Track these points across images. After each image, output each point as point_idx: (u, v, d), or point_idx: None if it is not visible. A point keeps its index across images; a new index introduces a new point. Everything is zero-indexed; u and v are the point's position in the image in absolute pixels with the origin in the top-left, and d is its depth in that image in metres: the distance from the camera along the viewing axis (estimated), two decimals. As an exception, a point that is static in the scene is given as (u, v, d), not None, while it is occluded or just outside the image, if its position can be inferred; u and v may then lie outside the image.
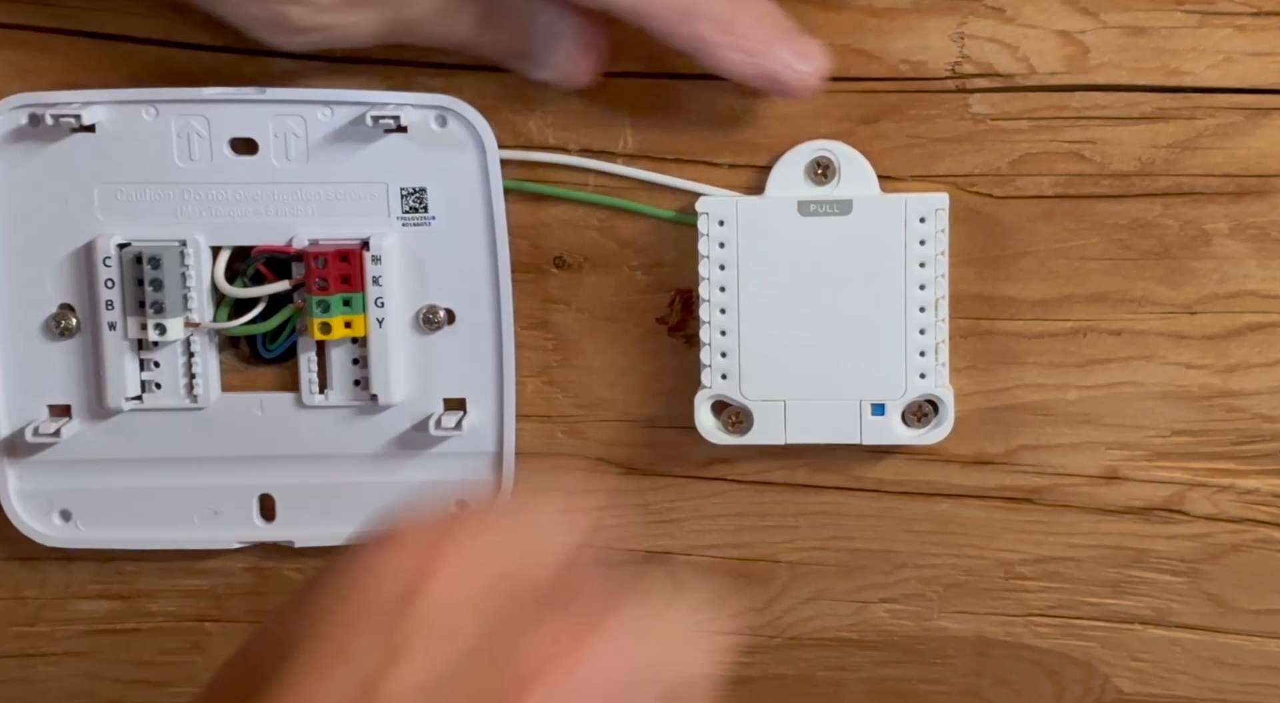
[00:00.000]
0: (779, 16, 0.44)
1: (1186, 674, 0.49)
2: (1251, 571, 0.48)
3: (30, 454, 0.49)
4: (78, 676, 0.52)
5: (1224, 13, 0.44)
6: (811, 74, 0.44)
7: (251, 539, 0.50)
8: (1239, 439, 0.47)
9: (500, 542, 0.34)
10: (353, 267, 0.47)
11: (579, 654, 0.31)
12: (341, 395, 0.48)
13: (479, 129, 0.46)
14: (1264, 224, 0.46)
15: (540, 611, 0.32)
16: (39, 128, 0.46)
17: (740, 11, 0.43)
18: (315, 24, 0.43)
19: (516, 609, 0.32)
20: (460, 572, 0.32)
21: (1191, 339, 0.47)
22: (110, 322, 0.47)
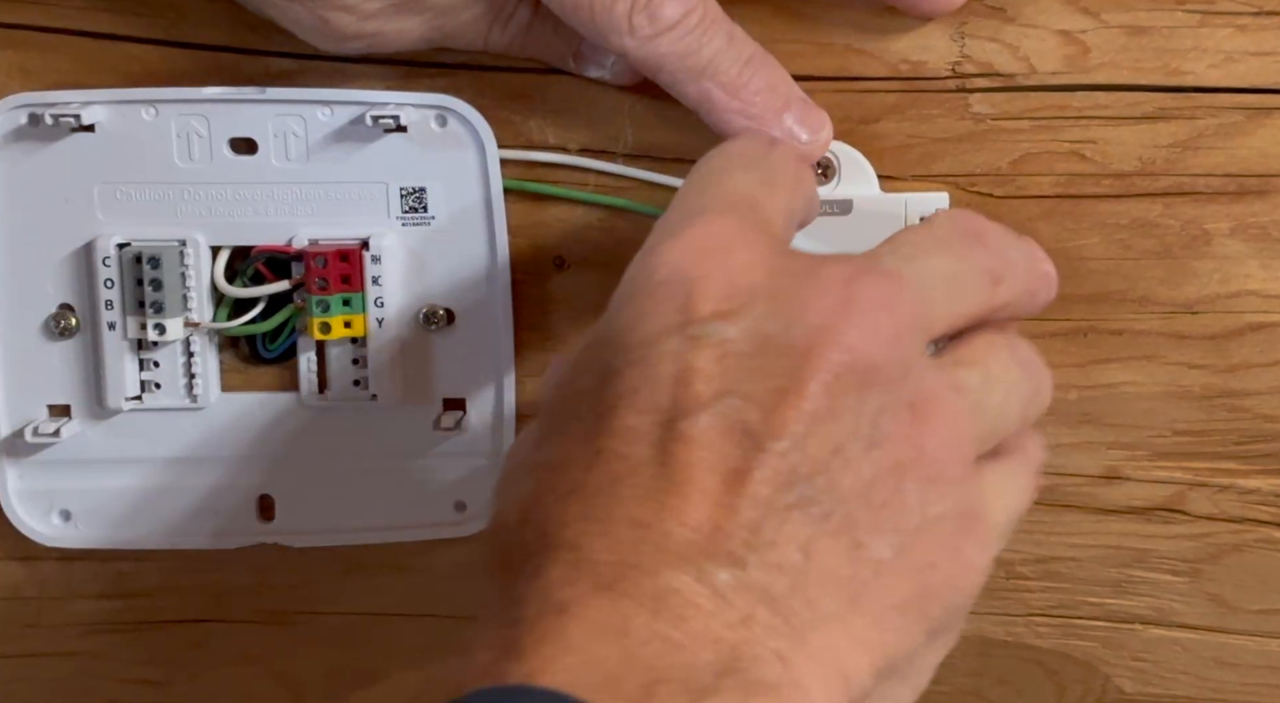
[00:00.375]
0: (789, 85, 0.44)
1: (1187, 674, 0.49)
2: (1252, 571, 0.48)
3: (30, 454, 0.49)
4: (78, 675, 0.52)
5: (1225, 12, 0.44)
6: (816, 144, 0.44)
7: (251, 539, 0.50)
8: (1240, 439, 0.47)
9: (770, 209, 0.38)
10: (352, 266, 0.47)
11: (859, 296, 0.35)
12: (341, 395, 0.48)
13: (479, 129, 0.46)
14: (1265, 224, 0.46)
15: (815, 259, 0.36)
16: (39, 127, 0.46)
17: (751, 77, 0.44)
18: (360, 31, 0.43)
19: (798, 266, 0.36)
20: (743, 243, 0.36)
21: (1192, 339, 0.47)
22: (110, 321, 0.47)
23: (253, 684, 0.52)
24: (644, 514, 0.33)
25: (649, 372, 0.34)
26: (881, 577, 0.34)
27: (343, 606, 0.51)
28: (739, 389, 0.34)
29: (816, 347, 0.34)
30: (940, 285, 0.37)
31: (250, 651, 0.52)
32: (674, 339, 0.34)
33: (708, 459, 0.33)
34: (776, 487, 0.33)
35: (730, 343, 0.34)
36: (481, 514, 0.49)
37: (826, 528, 0.33)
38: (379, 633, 0.51)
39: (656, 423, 0.34)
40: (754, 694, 0.32)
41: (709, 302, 0.35)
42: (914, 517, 0.34)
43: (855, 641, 0.34)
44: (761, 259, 0.36)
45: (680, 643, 0.32)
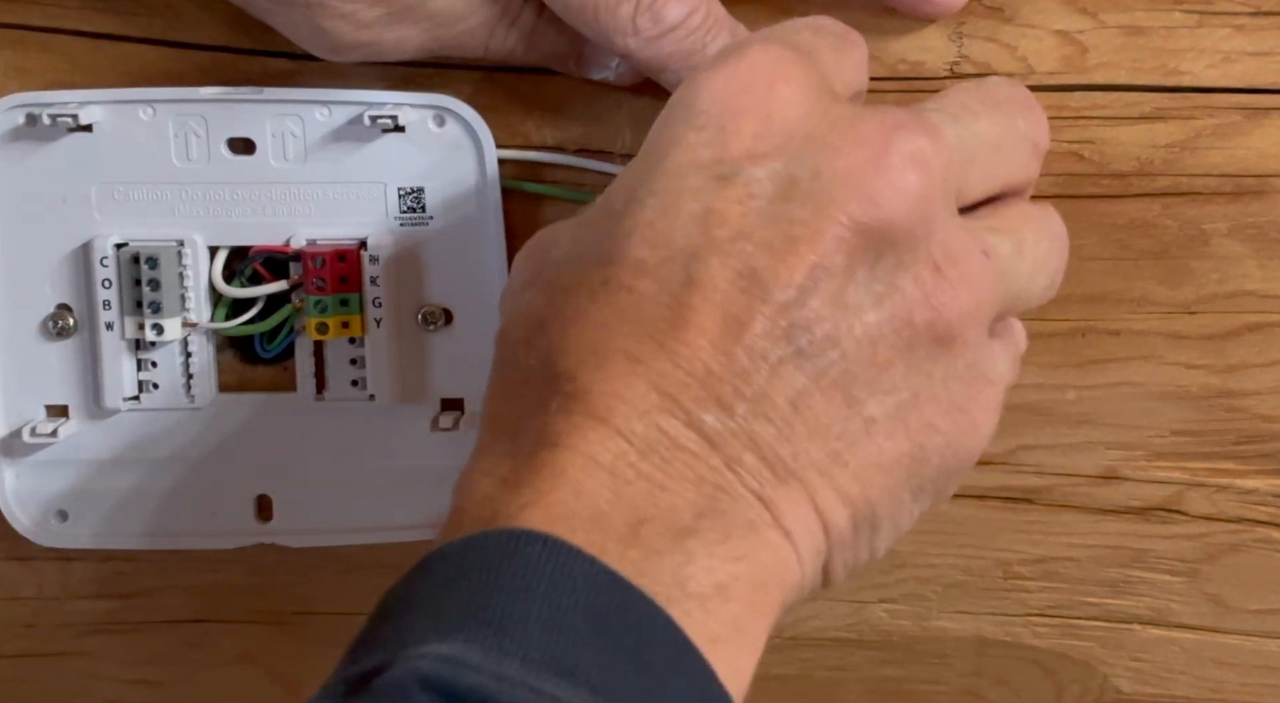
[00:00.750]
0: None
1: (1185, 674, 0.49)
2: (1250, 571, 0.48)
3: (27, 455, 0.49)
4: (76, 675, 0.52)
5: (1223, 12, 0.44)
6: None
7: (249, 539, 0.49)
8: (1238, 439, 0.47)
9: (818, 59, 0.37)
10: (350, 267, 0.47)
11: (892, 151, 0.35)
12: (339, 395, 0.48)
13: (477, 129, 0.46)
14: (1263, 224, 0.45)
15: (859, 109, 0.36)
16: (36, 127, 0.46)
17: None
18: (357, 40, 0.43)
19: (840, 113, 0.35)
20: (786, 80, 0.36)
21: (1190, 339, 0.46)
22: (108, 322, 0.47)
23: (250, 685, 0.52)
24: (641, 351, 0.34)
25: (669, 205, 0.35)
26: (872, 436, 0.35)
27: (341, 606, 0.51)
28: (755, 235, 0.34)
29: (839, 198, 0.34)
30: (983, 150, 0.37)
31: (248, 651, 0.52)
32: (700, 175, 0.35)
33: (711, 303, 0.34)
34: (774, 338, 0.34)
35: (756, 184, 0.34)
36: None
37: (821, 382, 0.34)
38: (377, 633, 0.51)
39: (666, 259, 0.34)
40: (733, 535, 0.33)
41: (742, 140, 0.35)
42: (918, 378, 0.35)
43: (836, 491, 0.35)
44: (804, 97, 0.35)
45: (663, 483, 0.33)
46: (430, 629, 0.31)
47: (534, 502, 0.32)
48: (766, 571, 0.33)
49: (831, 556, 0.35)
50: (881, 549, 0.37)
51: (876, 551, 0.36)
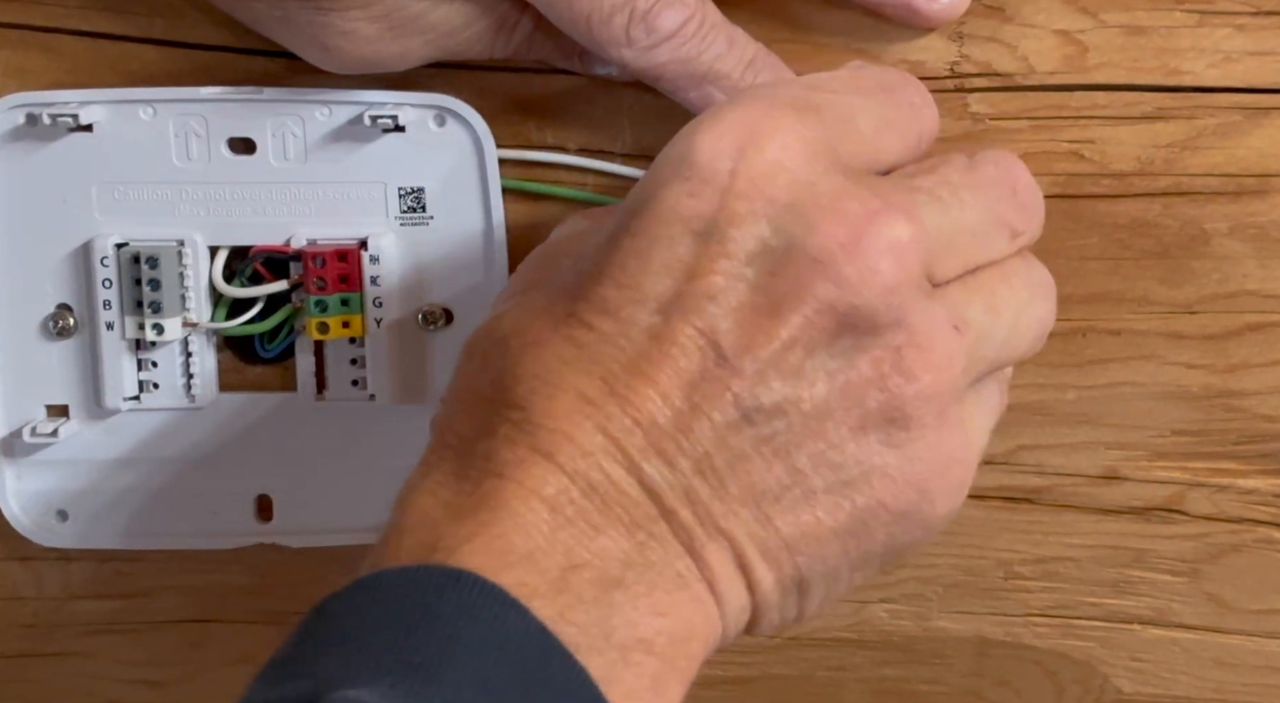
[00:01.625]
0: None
1: (1186, 675, 0.49)
2: (1251, 571, 0.48)
3: (28, 454, 0.49)
4: (77, 676, 0.52)
5: (1224, 12, 0.44)
6: None
7: (249, 539, 0.50)
8: (1239, 439, 0.47)
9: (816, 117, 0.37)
10: (351, 266, 0.47)
11: (870, 236, 0.35)
12: (339, 395, 0.48)
13: (477, 129, 0.46)
14: (1263, 224, 0.45)
15: (846, 183, 0.36)
16: (36, 127, 0.46)
17: (754, 79, 0.43)
18: (361, 55, 0.43)
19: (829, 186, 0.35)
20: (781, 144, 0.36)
21: (1191, 339, 0.46)
22: (108, 321, 0.47)
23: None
24: (593, 392, 0.34)
25: (644, 250, 0.35)
26: (811, 505, 0.35)
27: (341, 606, 0.51)
28: (722, 298, 0.34)
29: (810, 278, 0.34)
30: (961, 238, 0.37)
31: (249, 651, 0.52)
32: (680, 227, 0.35)
33: (669, 358, 0.34)
34: (723, 403, 0.34)
35: (732, 245, 0.35)
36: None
37: (763, 449, 0.34)
38: (377, 633, 0.51)
39: (634, 302, 0.35)
40: (658, 589, 0.34)
41: (728, 200, 0.35)
42: (871, 457, 0.35)
43: (764, 554, 0.35)
44: (795, 166, 0.35)
45: (599, 525, 0.33)
46: (357, 667, 0.31)
47: (475, 535, 0.33)
48: (689, 626, 0.34)
49: (757, 613, 0.36)
50: (810, 611, 0.37)
51: (805, 611, 0.37)
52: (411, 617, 0.32)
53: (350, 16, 0.42)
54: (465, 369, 0.37)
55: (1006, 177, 0.39)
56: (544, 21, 0.44)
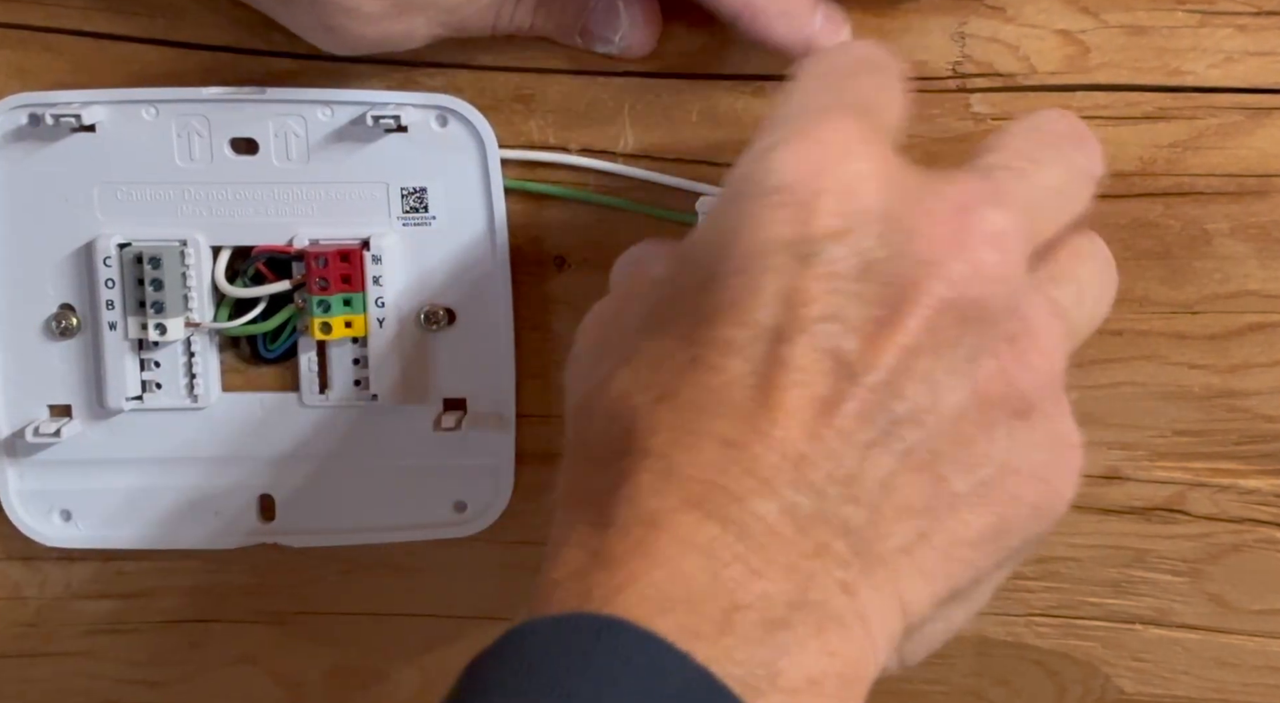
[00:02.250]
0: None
1: (1188, 675, 0.49)
2: (1253, 571, 0.48)
3: (30, 454, 0.49)
4: (78, 675, 0.52)
5: (1225, 12, 0.44)
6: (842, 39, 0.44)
7: (251, 539, 0.50)
8: (1240, 439, 0.47)
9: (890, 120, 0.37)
10: (353, 266, 0.47)
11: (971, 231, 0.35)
12: (342, 395, 0.48)
13: (479, 129, 0.46)
14: (1265, 224, 0.46)
15: (929, 181, 0.36)
16: (39, 127, 0.46)
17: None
18: (364, 34, 0.43)
19: (914, 185, 0.35)
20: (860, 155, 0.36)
21: (1193, 339, 0.47)
22: (111, 322, 0.47)
23: (252, 685, 0.52)
24: (735, 434, 0.33)
25: (753, 284, 0.34)
26: (958, 512, 0.34)
27: (342, 606, 0.51)
28: (840, 315, 0.34)
29: (922, 280, 0.34)
30: (1050, 200, 0.37)
31: (250, 651, 0.52)
32: (783, 255, 0.34)
33: (801, 385, 0.33)
34: (864, 420, 0.34)
35: (839, 264, 0.34)
36: (481, 515, 0.49)
37: (909, 463, 0.34)
38: (379, 633, 0.51)
39: (755, 338, 0.34)
40: (823, 629, 0.32)
41: (823, 218, 0.35)
42: (1001, 453, 0.35)
43: (921, 573, 0.34)
44: (878, 173, 0.35)
45: (759, 569, 0.32)
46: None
47: (628, 584, 0.32)
48: (854, 665, 0.33)
49: (908, 637, 0.35)
50: (959, 620, 0.37)
51: (954, 622, 0.36)
52: (565, 665, 0.31)
53: None
54: (588, 428, 0.36)
55: (1072, 127, 0.39)
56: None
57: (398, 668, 0.52)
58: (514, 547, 0.50)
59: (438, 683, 0.52)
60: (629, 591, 0.32)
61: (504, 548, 0.50)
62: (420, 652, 0.51)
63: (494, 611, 0.51)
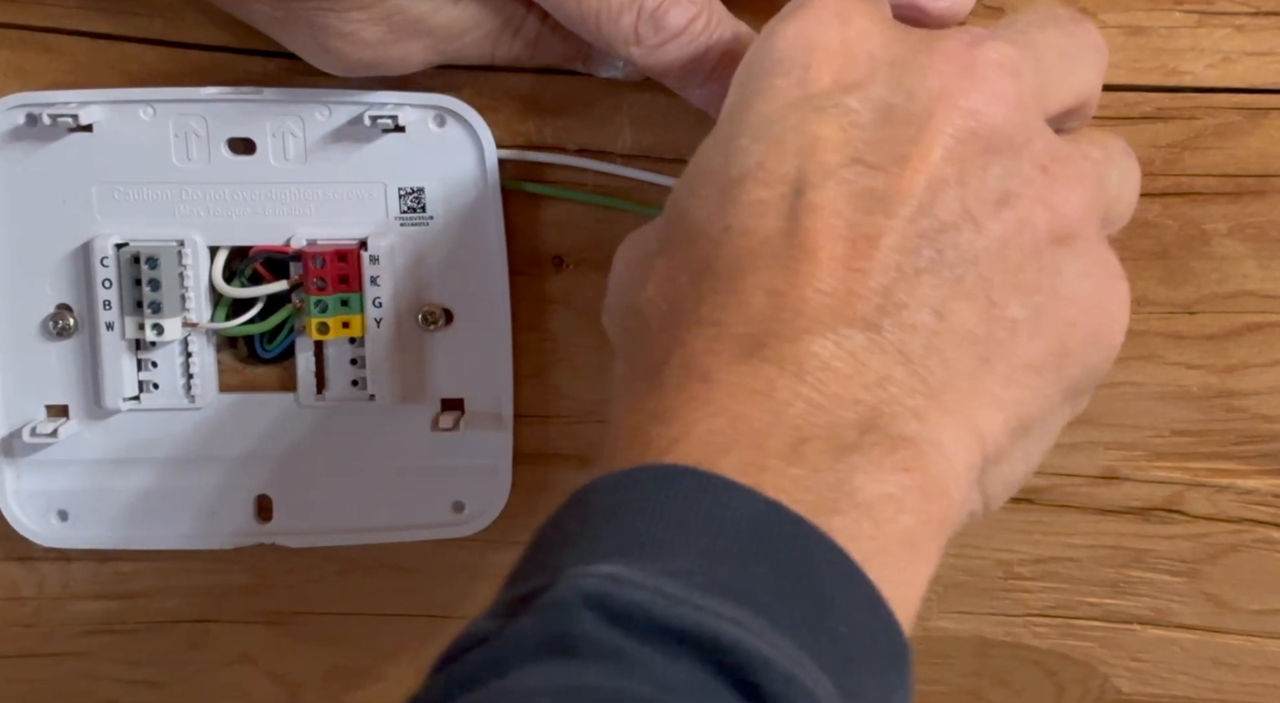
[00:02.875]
0: None
1: (1186, 674, 0.49)
2: (1251, 571, 0.48)
3: (28, 454, 0.49)
4: (76, 676, 0.52)
5: (1223, 13, 0.44)
6: None
7: (249, 539, 0.50)
8: (1238, 439, 0.47)
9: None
10: (351, 267, 0.47)
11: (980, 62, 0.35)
12: (339, 395, 0.48)
13: (477, 129, 0.46)
14: (1263, 224, 0.45)
15: (927, 31, 0.37)
16: (36, 127, 0.46)
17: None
18: (361, 59, 0.43)
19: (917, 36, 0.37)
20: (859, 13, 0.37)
21: (1191, 339, 0.46)
22: (108, 322, 0.47)
23: (251, 685, 0.52)
24: (778, 283, 0.34)
25: (774, 146, 0.35)
26: (1017, 337, 0.35)
27: (341, 606, 0.51)
28: (864, 157, 0.34)
29: (939, 112, 0.35)
30: (1057, 58, 0.38)
31: (248, 651, 0.52)
32: (797, 112, 0.35)
33: (837, 226, 0.34)
34: (906, 250, 0.34)
35: (853, 113, 0.35)
36: (480, 515, 0.49)
37: (960, 289, 0.34)
38: (377, 633, 0.51)
39: (784, 195, 0.34)
40: (896, 448, 0.33)
41: (829, 73, 0.36)
42: (1052, 277, 0.35)
43: (989, 398, 0.34)
44: (878, 29, 0.36)
45: (821, 404, 0.33)
46: (589, 554, 0.30)
47: (685, 434, 0.32)
48: (934, 483, 0.33)
49: (986, 470, 0.35)
50: (1035, 457, 0.37)
51: (1031, 459, 0.37)
52: (636, 508, 0.31)
53: (350, 18, 0.42)
54: (636, 327, 0.37)
55: (1060, 10, 0.40)
56: (549, 26, 0.44)
57: (397, 668, 0.52)
58: (513, 547, 0.50)
59: (436, 683, 0.52)
60: (689, 439, 0.32)
61: (503, 548, 0.50)
62: (420, 652, 0.51)
63: (492, 611, 0.51)
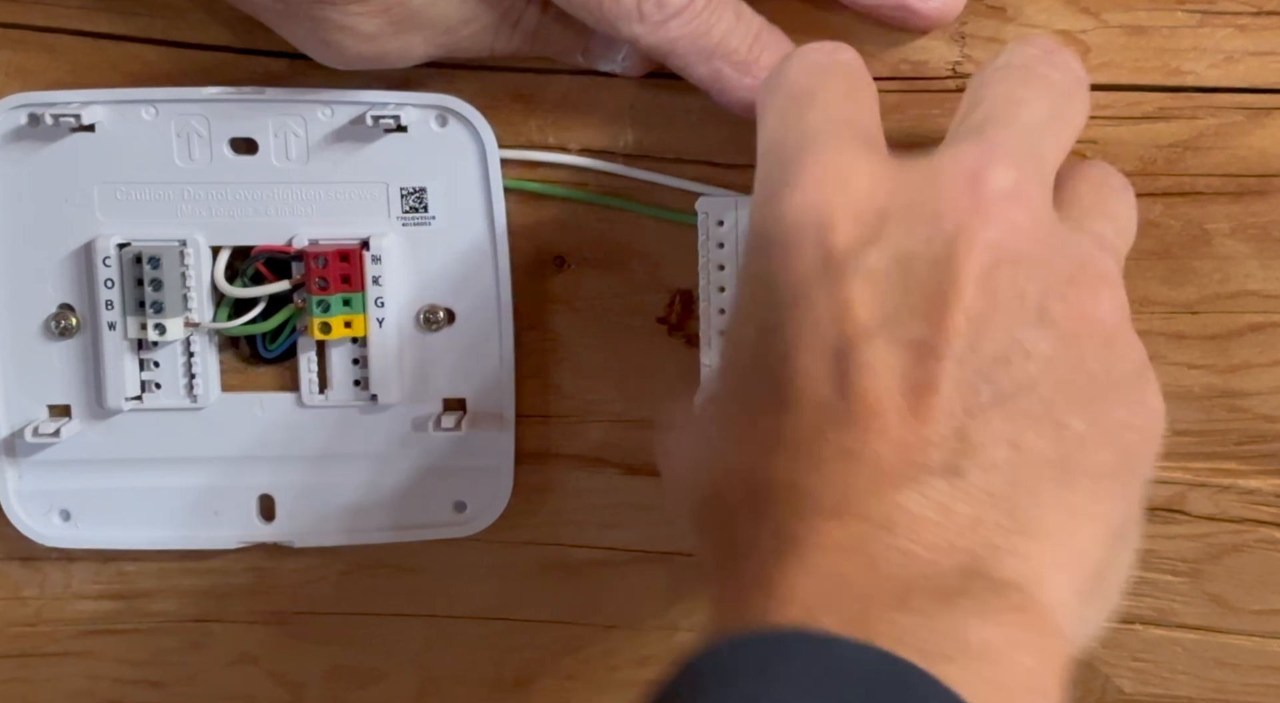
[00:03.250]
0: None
1: (1187, 675, 0.49)
2: (1253, 571, 0.48)
3: (30, 454, 0.49)
4: (78, 676, 0.52)
5: (1225, 12, 0.44)
6: None
7: (251, 539, 0.50)
8: (1240, 439, 0.47)
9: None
10: (353, 266, 0.47)
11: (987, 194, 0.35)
12: (341, 395, 0.48)
13: (479, 128, 0.46)
14: (1265, 224, 0.45)
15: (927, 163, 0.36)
16: (38, 127, 0.46)
17: (761, 52, 0.44)
18: (360, 52, 0.43)
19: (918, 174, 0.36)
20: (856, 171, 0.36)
21: (1193, 339, 0.46)
22: (110, 322, 0.47)
23: (252, 685, 0.52)
24: (849, 443, 0.34)
25: (807, 316, 0.35)
26: (1087, 450, 0.35)
27: (343, 606, 0.51)
28: (899, 309, 0.34)
29: (961, 250, 0.34)
30: (1048, 133, 0.38)
31: (250, 651, 0.52)
32: (821, 280, 0.35)
33: (891, 381, 0.34)
34: (965, 391, 0.34)
35: (877, 267, 0.35)
36: (481, 515, 0.49)
37: (1027, 418, 0.34)
38: (379, 633, 0.51)
39: (828, 360, 0.34)
40: (1003, 591, 0.32)
41: (843, 235, 0.35)
42: (1100, 384, 0.35)
43: (1084, 518, 0.34)
44: (879, 179, 0.36)
45: (918, 555, 0.33)
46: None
47: (789, 598, 0.32)
48: (1046, 621, 0.33)
49: (1093, 589, 0.35)
50: (1126, 565, 0.37)
51: (1123, 567, 0.37)
52: (750, 676, 0.30)
53: (350, 11, 0.42)
54: (708, 500, 0.36)
55: (1033, 51, 0.39)
56: (547, 17, 0.44)
57: (398, 668, 0.52)
58: (514, 547, 0.50)
59: (438, 683, 0.52)
60: (793, 602, 0.32)
61: (504, 548, 0.50)
62: (420, 652, 0.51)
63: (494, 611, 0.51)
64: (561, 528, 0.50)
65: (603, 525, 0.50)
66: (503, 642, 0.51)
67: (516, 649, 0.51)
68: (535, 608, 0.50)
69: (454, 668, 0.52)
